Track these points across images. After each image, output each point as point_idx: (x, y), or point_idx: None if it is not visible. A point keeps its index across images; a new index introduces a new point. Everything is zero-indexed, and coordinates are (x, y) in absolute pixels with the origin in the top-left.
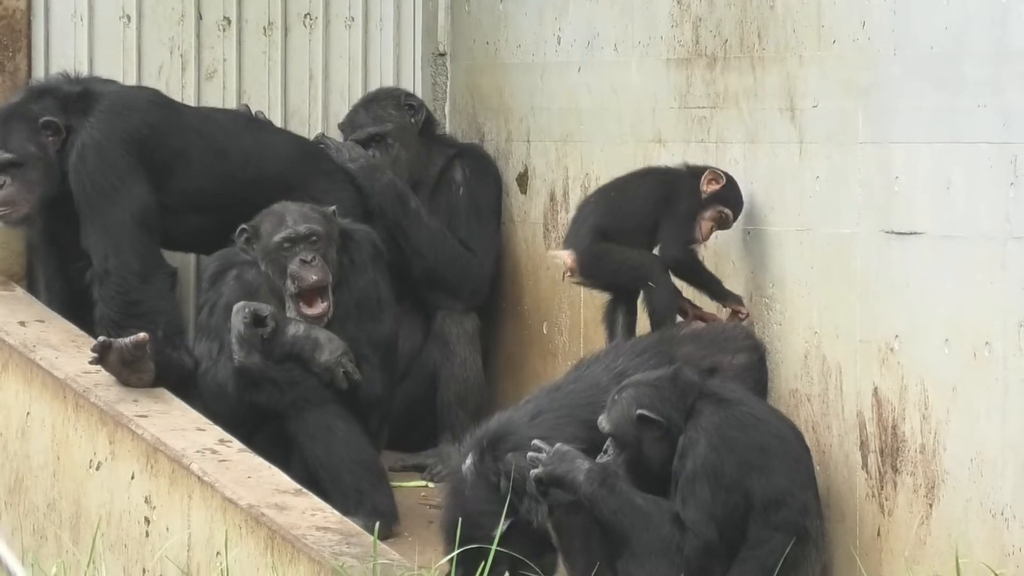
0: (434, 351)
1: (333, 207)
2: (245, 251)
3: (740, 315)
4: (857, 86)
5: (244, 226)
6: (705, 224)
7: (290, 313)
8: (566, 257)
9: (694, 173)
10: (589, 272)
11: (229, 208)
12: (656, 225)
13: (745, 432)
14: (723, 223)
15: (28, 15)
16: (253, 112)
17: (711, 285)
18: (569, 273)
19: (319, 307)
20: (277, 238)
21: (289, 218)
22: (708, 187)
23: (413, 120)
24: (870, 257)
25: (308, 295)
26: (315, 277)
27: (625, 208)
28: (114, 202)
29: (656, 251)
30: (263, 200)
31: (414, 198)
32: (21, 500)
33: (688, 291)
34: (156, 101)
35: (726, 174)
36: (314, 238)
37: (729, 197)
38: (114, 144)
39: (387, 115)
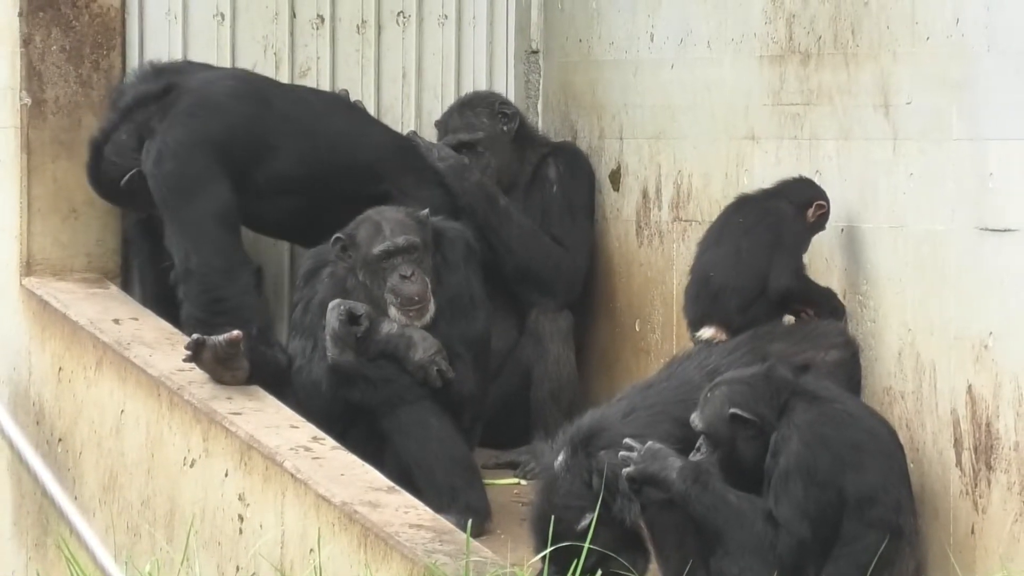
0: (528, 349)
1: (426, 210)
2: (341, 258)
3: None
4: (951, 82)
5: (340, 234)
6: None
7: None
8: (712, 333)
9: (799, 207)
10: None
11: (318, 191)
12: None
13: (838, 430)
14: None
15: (122, 13)
16: (352, 100)
17: (826, 296)
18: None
19: (420, 320)
20: (376, 251)
21: (387, 228)
22: (815, 216)
23: (505, 128)
24: (964, 254)
25: (411, 308)
26: (416, 294)
27: (742, 268)
28: (192, 204)
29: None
30: (352, 187)
31: (503, 197)
32: (115, 498)
33: None
34: (241, 94)
35: (822, 191)
36: (412, 250)
37: (828, 211)
38: (190, 149)
39: (479, 123)
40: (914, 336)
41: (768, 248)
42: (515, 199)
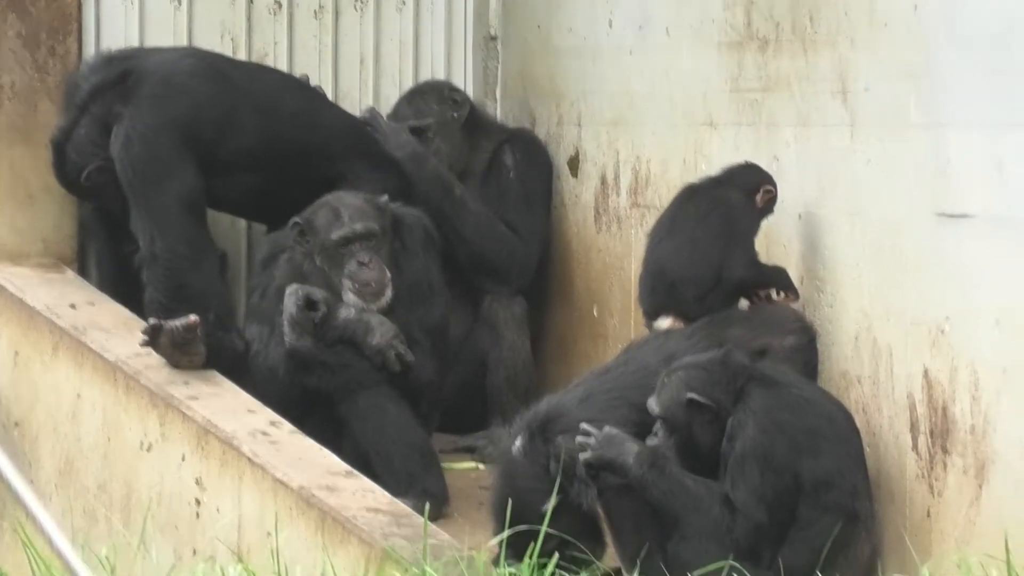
0: (483, 335)
1: (386, 196)
2: (299, 243)
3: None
4: (909, 69)
5: (297, 219)
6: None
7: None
8: (668, 323)
9: (747, 193)
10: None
11: (277, 169)
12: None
13: (795, 414)
14: None
15: None
16: (312, 84)
17: (779, 279)
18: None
19: (378, 304)
20: (335, 237)
21: (345, 214)
22: (763, 201)
23: (455, 115)
24: (922, 240)
25: (367, 292)
26: (374, 280)
27: (697, 258)
28: (160, 189)
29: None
30: (308, 167)
31: (459, 185)
32: (72, 482)
33: None
34: (201, 72)
35: (769, 175)
36: (370, 237)
37: (776, 195)
38: (158, 133)
39: (429, 109)
40: (871, 321)
41: (721, 238)
42: (471, 186)
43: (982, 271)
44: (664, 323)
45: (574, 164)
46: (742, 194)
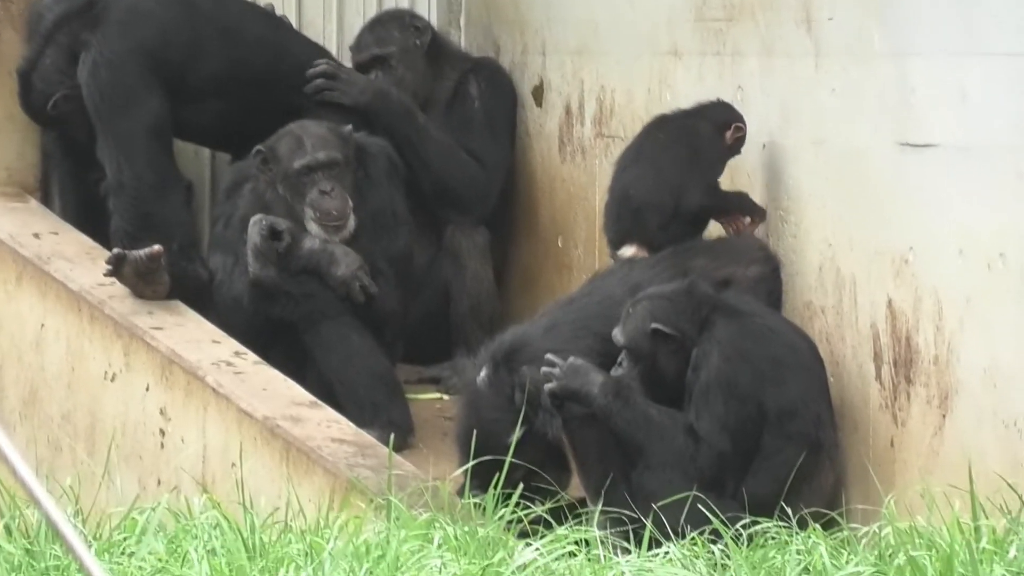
0: (445, 265)
1: (350, 126)
2: (261, 171)
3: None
4: None
5: (260, 147)
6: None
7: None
8: (633, 251)
9: (717, 128)
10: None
11: (242, 95)
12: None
13: (759, 344)
14: None
15: None
16: (278, 15)
17: (741, 203)
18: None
19: (339, 235)
20: (297, 165)
21: (308, 142)
22: (733, 138)
23: (418, 42)
24: (885, 170)
25: (330, 224)
26: (335, 209)
27: (661, 185)
28: (127, 116)
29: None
30: (273, 95)
31: (421, 114)
32: (36, 412)
33: None
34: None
35: (740, 114)
36: (333, 166)
37: (745, 134)
38: (126, 59)
39: (390, 37)
40: (835, 251)
41: (685, 165)
42: (435, 115)
43: (945, 201)
44: (628, 251)
45: (538, 94)
46: (712, 128)
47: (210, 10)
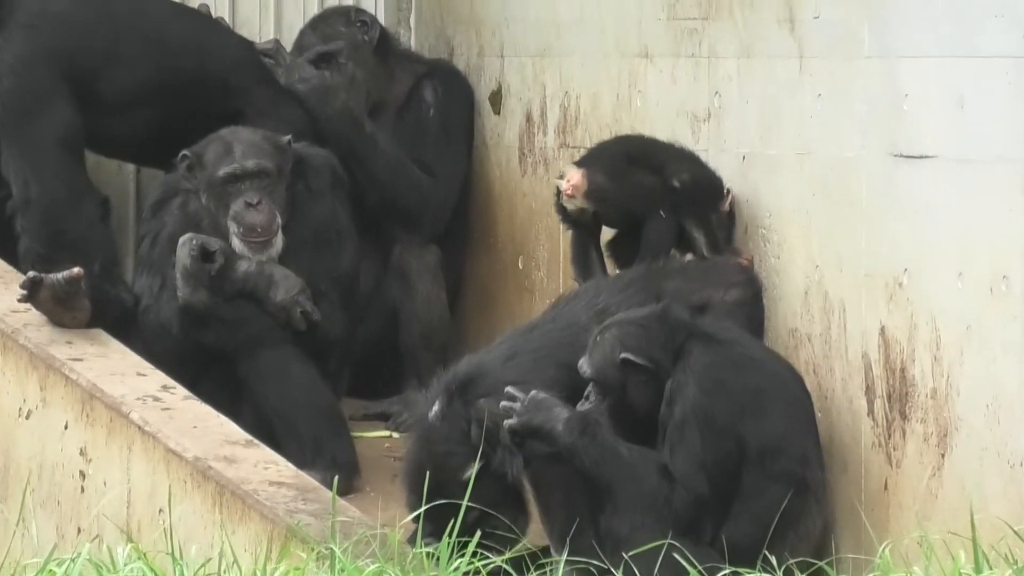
0: (393, 288)
1: (289, 136)
2: (187, 179)
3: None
4: None
5: (186, 152)
6: None
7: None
8: (574, 174)
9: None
10: (598, 193)
11: (167, 105)
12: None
13: (738, 374)
14: None
15: None
16: (212, 15)
17: (707, 228)
18: (570, 193)
19: (264, 253)
20: (221, 172)
21: (237, 149)
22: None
23: (366, 37)
24: (876, 183)
25: (254, 240)
26: (260, 224)
27: (659, 157)
28: (34, 126)
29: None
30: (203, 102)
31: (369, 123)
32: None
33: None
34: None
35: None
36: (262, 176)
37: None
38: (31, 64)
39: (336, 33)
40: (822, 273)
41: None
42: (386, 123)
43: (943, 218)
44: (569, 176)
45: (496, 99)
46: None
47: (129, 12)
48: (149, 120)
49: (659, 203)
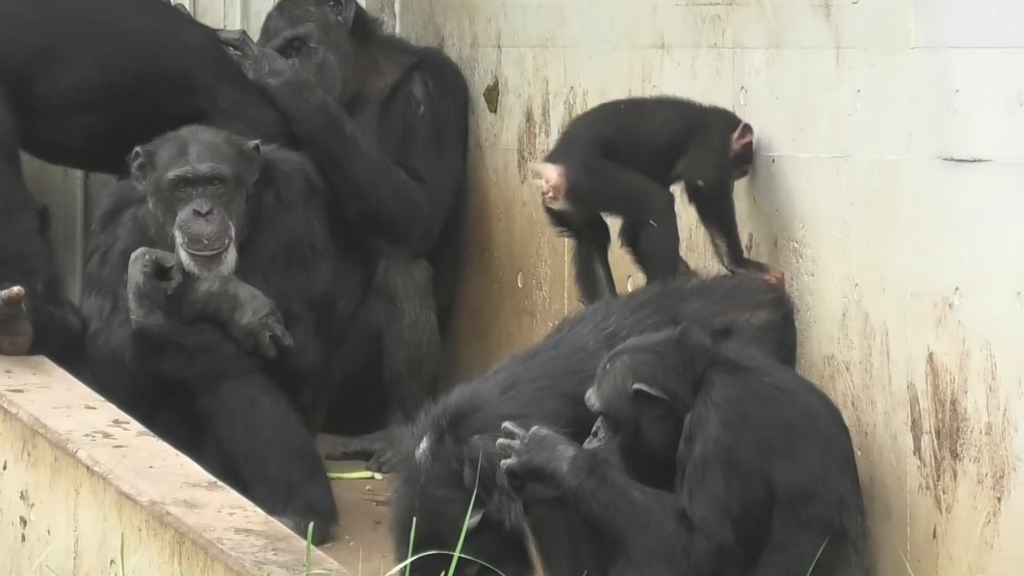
0: (378, 309)
1: (256, 141)
2: (138, 180)
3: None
4: None
5: (139, 149)
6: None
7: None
8: (551, 173)
9: (725, 119)
10: (579, 194)
11: (120, 107)
12: (677, 157)
13: (767, 407)
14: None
15: None
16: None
17: (730, 235)
18: (551, 195)
19: (212, 269)
20: (171, 175)
21: (192, 150)
22: (740, 142)
23: (339, 18)
24: (923, 190)
25: (200, 253)
26: (208, 236)
27: (642, 128)
28: None
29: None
30: (162, 102)
31: (350, 122)
32: None
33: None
34: None
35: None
36: (216, 182)
37: (751, 154)
38: None
39: (305, 14)
40: (861, 292)
41: (684, 130)
42: (368, 120)
43: (999, 230)
44: (546, 172)
45: (492, 96)
46: (717, 114)
47: (75, 5)
48: (96, 123)
49: (647, 207)
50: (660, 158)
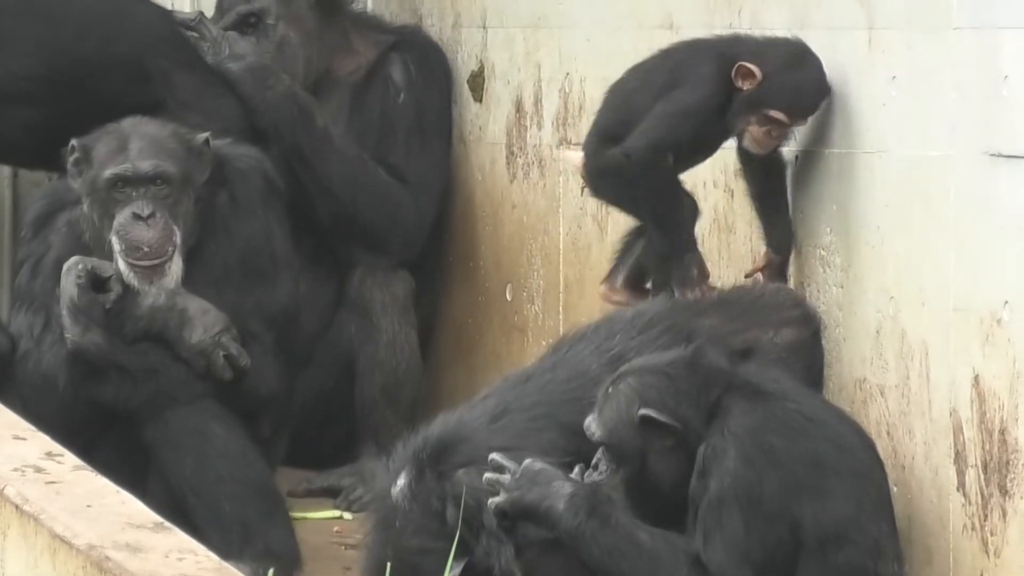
0: (350, 326)
1: (207, 134)
2: (73, 178)
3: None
4: None
5: (75, 142)
6: (755, 131)
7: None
8: (577, 161)
9: (725, 58)
10: (597, 189)
11: (62, 97)
12: None
13: (792, 439)
14: (780, 130)
15: None
16: None
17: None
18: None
19: (153, 280)
20: (108, 173)
21: (133, 146)
22: (743, 85)
23: None
24: (969, 190)
25: (140, 263)
26: (148, 243)
27: (634, 101)
28: None
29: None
30: (110, 90)
31: (322, 113)
32: None
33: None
34: None
35: (766, 61)
36: (160, 182)
37: (775, 94)
38: None
39: None
40: (898, 307)
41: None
42: (339, 105)
43: None
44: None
45: (477, 83)
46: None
47: None
48: (36, 115)
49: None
50: None
